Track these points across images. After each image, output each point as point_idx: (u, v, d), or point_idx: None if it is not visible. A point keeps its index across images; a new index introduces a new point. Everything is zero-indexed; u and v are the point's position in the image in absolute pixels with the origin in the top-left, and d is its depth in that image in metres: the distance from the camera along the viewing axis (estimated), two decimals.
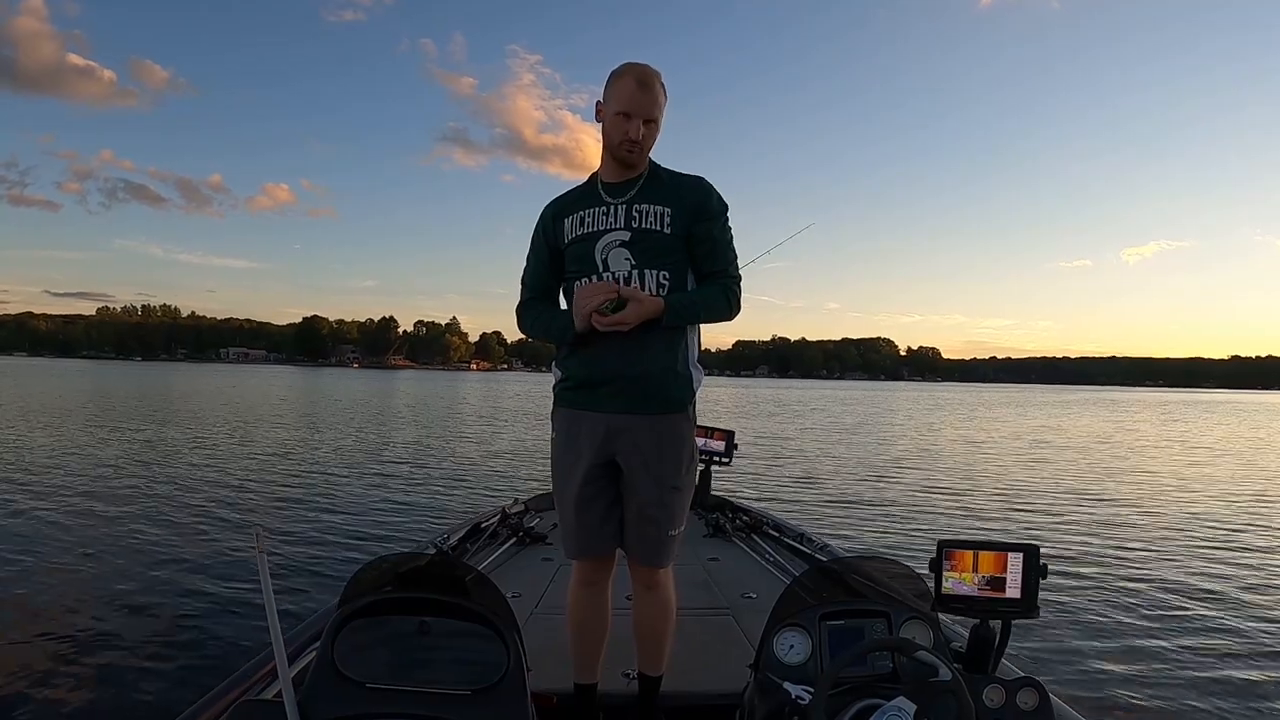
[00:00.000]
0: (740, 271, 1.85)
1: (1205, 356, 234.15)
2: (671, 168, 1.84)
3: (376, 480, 9.34)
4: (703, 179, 1.83)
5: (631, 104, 1.69)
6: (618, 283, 1.72)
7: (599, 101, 1.75)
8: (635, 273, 1.73)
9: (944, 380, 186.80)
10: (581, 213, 1.79)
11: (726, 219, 1.81)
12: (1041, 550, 1.57)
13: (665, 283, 1.75)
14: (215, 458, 10.90)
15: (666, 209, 1.76)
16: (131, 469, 9.50)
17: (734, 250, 1.83)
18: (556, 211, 1.82)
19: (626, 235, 1.75)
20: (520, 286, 1.91)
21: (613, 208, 1.77)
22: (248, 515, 6.91)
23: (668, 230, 1.75)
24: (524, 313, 1.89)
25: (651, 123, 1.72)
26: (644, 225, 1.75)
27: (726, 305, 1.79)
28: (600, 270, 1.75)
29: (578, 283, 1.77)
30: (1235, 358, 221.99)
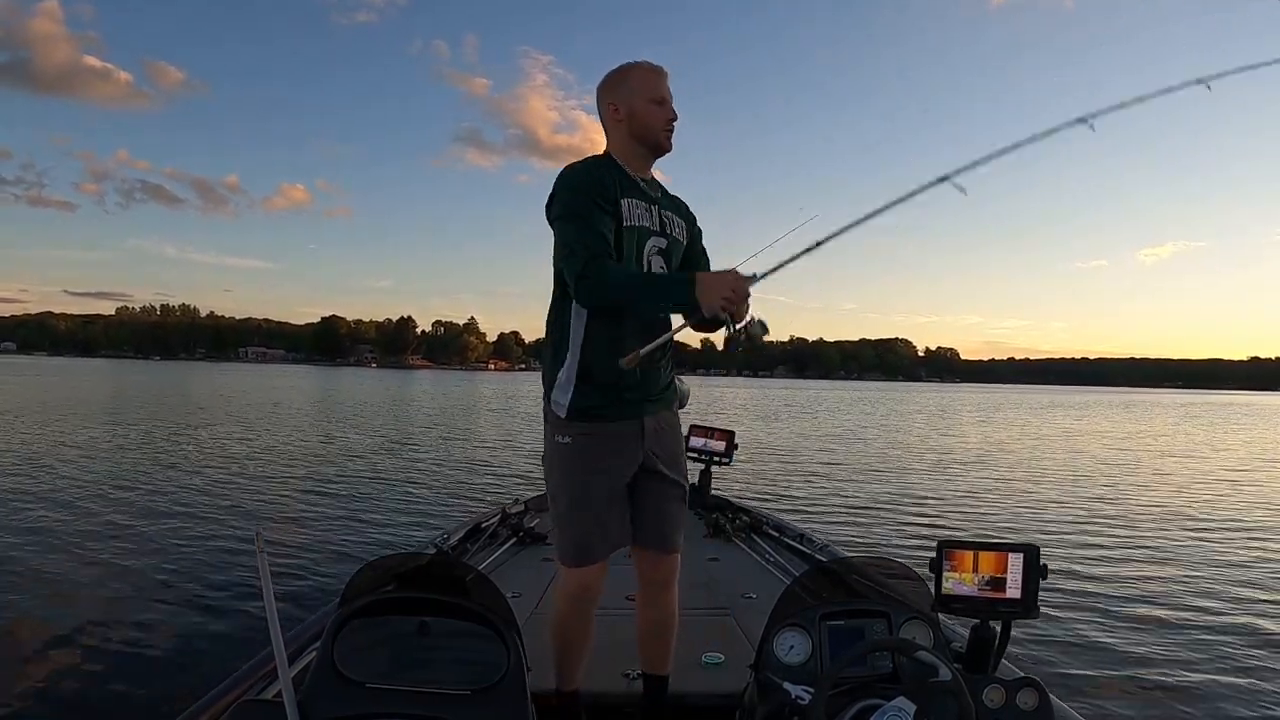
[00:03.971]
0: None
1: (1224, 358, 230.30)
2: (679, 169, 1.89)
3: (377, 480, 9.34)
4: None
5: (663, 89, 1.75)
6: None
7: (612, 104, 1.75)
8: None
9: (961, 381, 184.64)
10: (634, 200, 1.72)
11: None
12: (1042, 551, 1.57)
13: None
14: (218, 457, 10.90)
15: (683, 222, 1.84)
16: (134, 468, 9.50)
17: None
18: (614, 184, 1.69)
19: (664, 242, 1.77)
20: (575, 253, 1.62)
21: (651, 209, 1.76)
22: (248, 515, 6.92)
23: (684, 242, 1.83)
24: (607, 271, 1.60)
25: None
26: (673, 233, 1.80)
27: None
28: (645, 269, 1.74)
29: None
30: (1255, 359, 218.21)
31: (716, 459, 4.36)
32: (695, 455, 4.38)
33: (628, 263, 1.69)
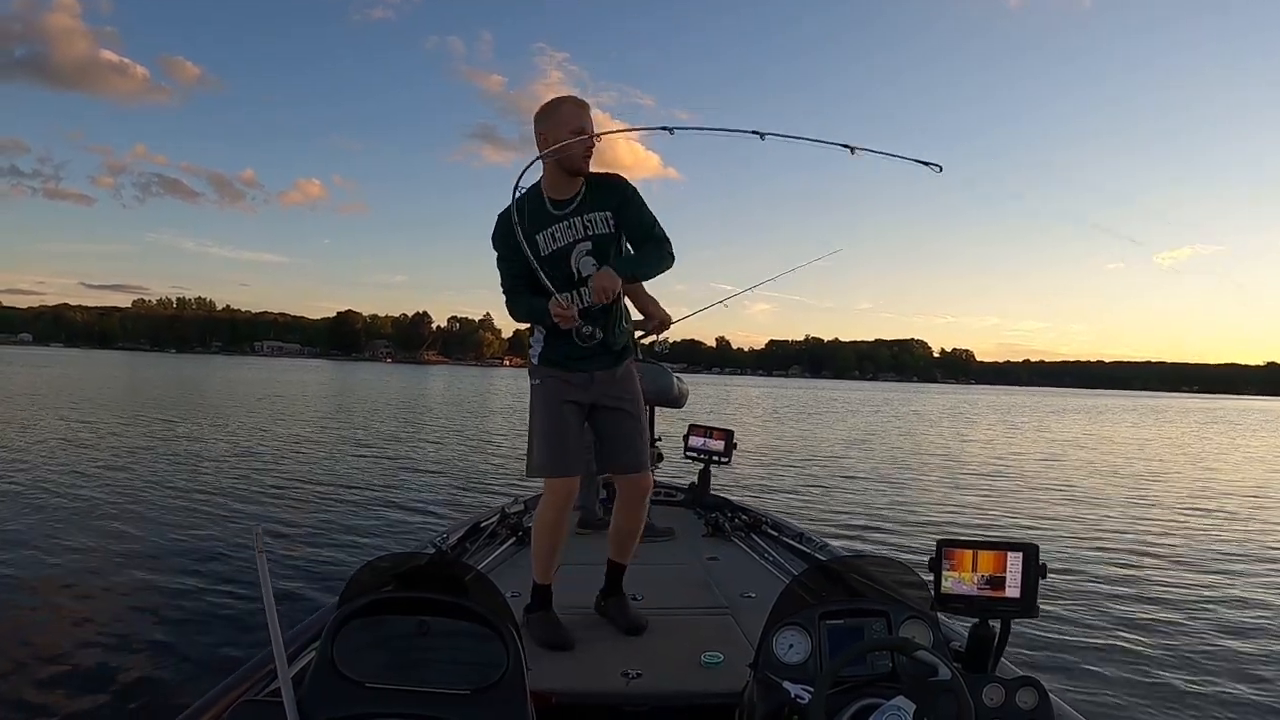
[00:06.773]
0: (666, 233, 2.26)
1: (1242, 363, 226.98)
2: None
3: (377, 479, 9.34)
4: (615, 174, 2.29)
5: (583, 121, 2.18)
6: (577, 299, 2.22)
7: (542, 134, 2.18)
8: (596, 270, 2.24)
9: (977, 383, 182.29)
10: (551, 230, 2.21)
11: (640, 198, 2.28)
12: (1041, 550, 1.57)
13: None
14: (217, 455, 10.88)
15: (606, 213, 2.23)
16: (133, 466, 9.47)
17: (652, 215, 2.27)
18: (527, 229, 2.19)
19: (590, 245, 2.23)
20: (503, 286, 2.32)
21: (571, 222, 2.23)
22: (247, 514, 6.91)
23: (612, 229, 2.25)
24: (516, 301, 2.30)
25: None
26: (597, 231, 2.24)
27: (659, 257, 2.24)
28: (575, 275, 2.23)
29: (556, 295, 2.19)
30: (1272, 364, 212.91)
31: (716, 458, 4.35)
32: (694, 455, 4.37)
33: (554, 281, 2.19)
